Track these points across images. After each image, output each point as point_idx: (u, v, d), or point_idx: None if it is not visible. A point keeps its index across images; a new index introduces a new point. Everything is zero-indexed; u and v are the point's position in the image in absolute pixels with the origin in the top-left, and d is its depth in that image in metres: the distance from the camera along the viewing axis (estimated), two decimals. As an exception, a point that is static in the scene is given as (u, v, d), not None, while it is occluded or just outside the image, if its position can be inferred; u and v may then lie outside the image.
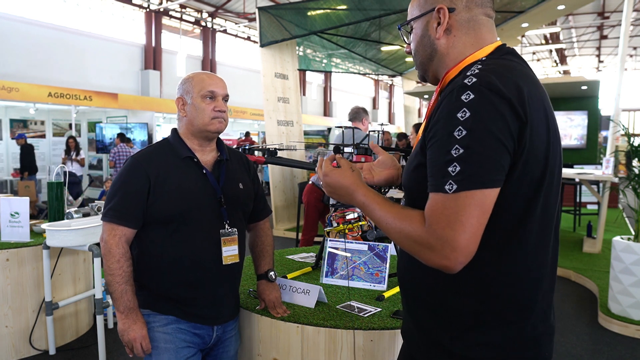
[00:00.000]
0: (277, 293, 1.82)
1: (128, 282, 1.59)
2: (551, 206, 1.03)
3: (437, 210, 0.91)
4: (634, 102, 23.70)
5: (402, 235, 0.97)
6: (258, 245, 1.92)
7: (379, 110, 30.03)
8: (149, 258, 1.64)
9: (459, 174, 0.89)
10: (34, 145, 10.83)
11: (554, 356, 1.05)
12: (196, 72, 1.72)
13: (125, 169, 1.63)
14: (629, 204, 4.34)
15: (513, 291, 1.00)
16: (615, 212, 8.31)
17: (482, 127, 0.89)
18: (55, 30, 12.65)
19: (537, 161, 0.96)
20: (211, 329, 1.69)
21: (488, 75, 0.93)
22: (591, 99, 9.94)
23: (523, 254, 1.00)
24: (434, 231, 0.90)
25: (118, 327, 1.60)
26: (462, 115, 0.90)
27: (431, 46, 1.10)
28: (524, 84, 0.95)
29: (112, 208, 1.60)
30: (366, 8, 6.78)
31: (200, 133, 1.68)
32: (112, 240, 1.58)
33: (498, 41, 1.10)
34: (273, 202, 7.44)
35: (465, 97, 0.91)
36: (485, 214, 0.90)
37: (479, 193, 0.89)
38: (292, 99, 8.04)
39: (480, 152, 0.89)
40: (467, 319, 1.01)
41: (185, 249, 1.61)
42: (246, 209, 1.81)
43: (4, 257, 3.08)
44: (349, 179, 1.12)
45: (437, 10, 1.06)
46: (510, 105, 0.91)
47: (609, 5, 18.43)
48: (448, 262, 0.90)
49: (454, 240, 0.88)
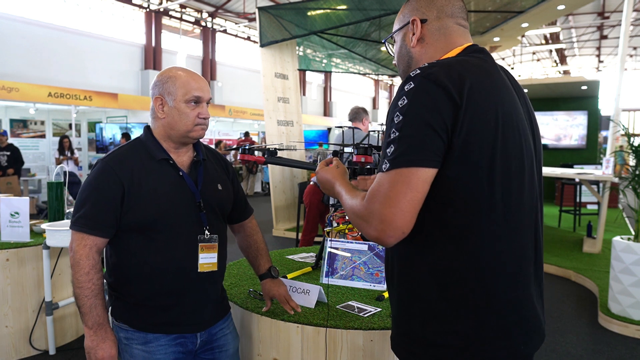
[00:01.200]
0: (284, 287, 1.80)
1: (97, 296, 1.48)
2: (516, 197, 1.06)
3: (374, 187, 1.00)
4: (634, 102, 23.69)
5: (352, 212, 1.07)
6: (251, 245, 1.86)
7: (379, 110, 30.03)
8: (126, 267, 1.55)
9: (392, 154, 0.99)
10: (34, 145, 10.85)
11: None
12: (176, 68, 1.59)
13: (96, 173, 1.51)
14: (629, 204, 4.34)
15: (474, 280, 1.03)
16: (615, 212, 8.31)
17: (413, 112, 0.98)
18: (55, 30, 12.65)
19: (481, 146, 1.00)
20: (194, 336, 1.61)
21: (430, 67, 1.02)
22: (591, 99, 9.94)
23: (484, 245, 1.03)
24: (368, 205, 1.00)
25: (85, 344, 1.50)
26: (402, 103, 1.01)
27: (408, 54, 1.22)
28: (469, 73, 1.02)
29: (82, 216, 1.48)
30: (366, 8, 6.78)
31: (179, 138, 1.58)
32: (81, 251, 1.47)
33: (469, 42, 1.18)
34: (273, 202, 7.44)
35: (407, 86, 1.02)
36: (414, 191, 0.97)
37: (406, 171, 0.97)
38: (292, 99, 8.04)
39: (409, 135, 0.98)
40: (434, 307, 1.05)
41: (163, 256, 1.52)
42: (225, 211, 1.73)
43: (4, 257, 3.08)
44: (331, 173, 1.26)
45: (411, 22, 1.19)
46: (446, 90, 0.98)
47: (609, 5, 18.43)
48: (378, 234, 0.98)
49: (382, 213, 0.97)
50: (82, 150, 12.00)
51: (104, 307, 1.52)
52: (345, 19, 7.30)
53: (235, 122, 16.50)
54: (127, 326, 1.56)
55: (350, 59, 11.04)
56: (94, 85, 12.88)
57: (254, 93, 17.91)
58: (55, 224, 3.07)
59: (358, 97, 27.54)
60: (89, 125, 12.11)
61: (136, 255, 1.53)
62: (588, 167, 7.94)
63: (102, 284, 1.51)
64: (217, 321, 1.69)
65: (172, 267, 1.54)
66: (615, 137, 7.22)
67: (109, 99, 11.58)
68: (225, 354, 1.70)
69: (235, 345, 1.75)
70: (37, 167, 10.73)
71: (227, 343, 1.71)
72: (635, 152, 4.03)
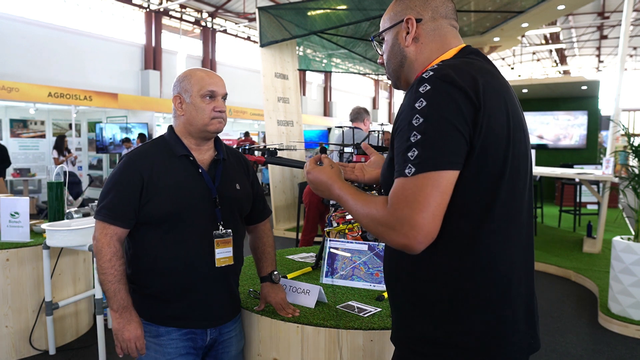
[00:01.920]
0: (282, 294, 1.80)
1: (121, 281, 1.56)
2: (520, 196, 1.08)
3: (398, 192, 0.97)
4: (634, 102, 23.69)
5: (369, 219, 1.03)
6: (259, 247, 1.89)
7: (379, 110, 30.03)
8: (142, 260, 1.61)
9: (417, 158, 0.96)
10: (34, 145, 10.85)
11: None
12: (193, 69, 1.68)
13: (120, 167, 1.61)
14: (629, 204, 4.35)
15: (485, 280, 1.04)
16: (615, 212, 8.31)
17: (436, 114, 0.96)
18: (55, 30, 12.65)
19: (496, 148, 1.01)
20: (204, 332, 1.66)
21: (444, 68, 1.02)
22: (591, 99, 9.94)
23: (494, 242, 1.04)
24: (395, 211, 0.97)
25: (112, 326, 1.59)
26: (419, 105, 0.98)
27: (401, 53, 1.19)
28: (480, 75, 1.03)
29: (104, 207, 1.58)
30: (366, 8, 6.78)
31: (198, 133, 1.64)
32: (103, 239, 1.56)
33: (463, 44, 1.18)
34: (273, 202, 7.44)
35: (422, 88, 1.00)
36: (443, 194, 0.96)
37: (435, 174, 0.95)
38: (292, 99, 8.04)
39: (435, 137, 0.96)
40: (446, 308, 1.05)
41: (178, 250, 1.58)
42: (243, 211, 1.77)
43: (4, 257, 3.08)
44: (327, 175, 1.20)
45: (405, 20, 1.16)
46: (464, 92, 0.98)
47: (609, 5, 18.43)
48: (408, 241, 0.96)
49: (412, 219, 0.94)
50: (82, 150, 12.00)
51: (127, 291, 1.59)
52: (345, 19, 7.30)
53: (235, 122, 16.49)
54: (141, 318, 1.62)
55: (350, 59, 11.04)
56: (94, 85, 12.88)
57: (254, 93, 17.90)
58: (55, 224, 3.07)
59: (358, 97, 27.54)
60: (89, 125, 12.11)
61: (152, 248, 1.60)
62: (588, 167, 7.94)
63: (124, 270, 1.60)
64: (228, 320, 1.72)
65: (186, 261, 1.59)
66: (615, 137, 7.22)
67: (109, 99, 11.58)
68: (227, 355, 1.73)
69: (238, 348, 1.77)
70: (37, 167, 10.72)
71: (230, 345, 1.74)
72: (636, 152, 4.04)
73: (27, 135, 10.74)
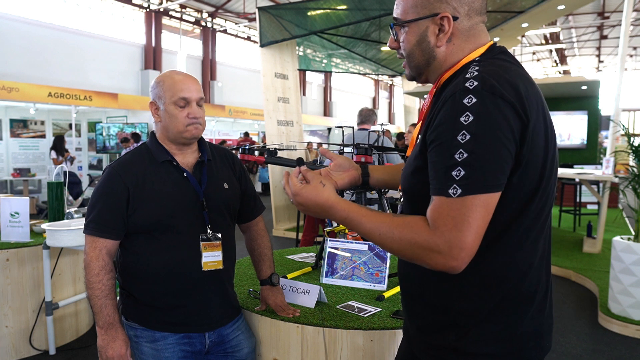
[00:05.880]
0: (281, 297, 1.80)
1: (108, 297, 1.54)
2: (550, 201, 1.06)
3: (443, 213, 0.92)
4: (634, 102, 23.67)
5: (404, 243, 0.96)
6: (255, 249, 1.87)
7: (379, 110, 30.02)
8: (132, 267, 1.60)
9: (464, 179, 0.91)
10: (34, 145, 10.85)
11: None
12: (167, 72, 1.64)
13: (103, 179, 1.58)
14: (629, 204, 4.34)
15: (511, 286, 1.03)
16: (615, 212, 8.30)
17: (485, 132, 0.90)
18: (55, 30, 12.65)
19: (538, 159, 0.97)
20: (202, 336, 1.64)
21: (488, 79, 0.94)
22: (591, 99, 9.94)
23: (518, 251, 1.02)
24: (442, 233, 0.91)
25: (97, 342, 1.55)
26: (466, 120, 0.92)
27: (430, 53, 1.08)
28: (521, 83, 0.97)
29: (92, 220, 1.56)
30: (366, 8, 6.78)
31: (176, 139, 1.62)
32: (92, 253, 1.55)
33: (490, 41, 1.10)
34: (273, 202, 7.44)
35: (467, 100, 0.93)
36: (489, 214, 0.93)
37: (484, 197, 0.91)
38: (292, 99, 8.04)
39: (484, 157, 0.90)
40: (471, 317, 1.03)
41: (168, 256, 1.57)
42: (233, 210, 1.75)
43: (4, 257, 3.08)
44: (323, 196, 1.08)
45: (440, 17, 1.04)
46: (513, 107, 0.92)
47: (609, 5, 18.43)
48: (456, 263, 0.92)
49: (461, 241, 0.90)
50: (82, 150, 12.00)
51: (115, 307, 1.57)
52: (345, 19, 7.30)
53: (235, 122, 16.50)
54: (137, 324, 1.61)
55: (350, 59, 11.05)
56: (94, 85, 12.88)
57: (254, 93, 17.90)
58: (55, 224, 3.07)
59: (358, 97, 27.54)
60: (89, 125, 12.11)
61: (141, 256, 1.58)
62: (588, 167, 7.93)
63: (112, 285, 1.57)
64: (227, 322, 1.70)
65: (176, 267, 1.58)
66: (615, 137, 7.23)
67: (109, 99, 11.58)
68: (240, 353, 1.72)
69: (250, 345, 1.76)
70: (37, 167, 10.73)
71: (240, 343, 1.72)
72: (635, 152, 4.03)
73: (27, 135, 10.74)
